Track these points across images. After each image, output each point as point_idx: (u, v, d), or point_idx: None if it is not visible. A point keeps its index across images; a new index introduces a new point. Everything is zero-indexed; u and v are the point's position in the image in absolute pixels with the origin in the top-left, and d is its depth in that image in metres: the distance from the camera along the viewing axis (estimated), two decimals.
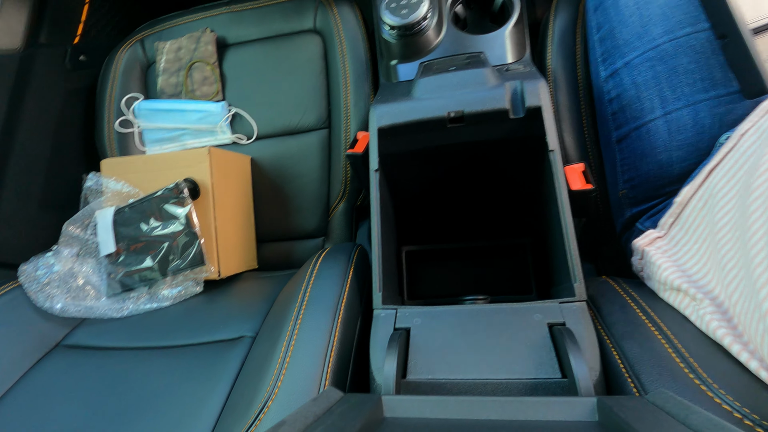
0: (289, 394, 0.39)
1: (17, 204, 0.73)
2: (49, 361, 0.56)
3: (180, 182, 0.63)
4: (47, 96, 0.78)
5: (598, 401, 0.26)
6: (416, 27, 0.61)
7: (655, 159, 0.51)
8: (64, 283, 0.64)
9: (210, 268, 0.64)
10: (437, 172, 0.60)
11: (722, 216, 0.38)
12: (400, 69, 0.66)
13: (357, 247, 0.59)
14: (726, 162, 0.41)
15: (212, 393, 0.46)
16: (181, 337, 0.55)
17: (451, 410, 0.27)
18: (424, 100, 0.51)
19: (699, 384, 0.32)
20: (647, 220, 0.53)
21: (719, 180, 0.41)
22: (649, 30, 0.50)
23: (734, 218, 0.37)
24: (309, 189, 0.78)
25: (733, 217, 0.37)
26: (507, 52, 0.62)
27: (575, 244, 0.42)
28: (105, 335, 0.59)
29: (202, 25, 0.83)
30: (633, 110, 0.53)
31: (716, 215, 0.39)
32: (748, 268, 0.33)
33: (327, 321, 0.45)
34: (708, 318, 0.37)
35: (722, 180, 0.40)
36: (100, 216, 0.66)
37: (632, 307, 0.43)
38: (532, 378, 0.34)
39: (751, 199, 0.34)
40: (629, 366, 0.36)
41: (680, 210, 0.46)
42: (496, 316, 0.39)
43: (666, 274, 0.43)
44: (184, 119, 0.80)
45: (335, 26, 0.77)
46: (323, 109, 0.78)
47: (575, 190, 0.46)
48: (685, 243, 0.44)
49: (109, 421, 0.45)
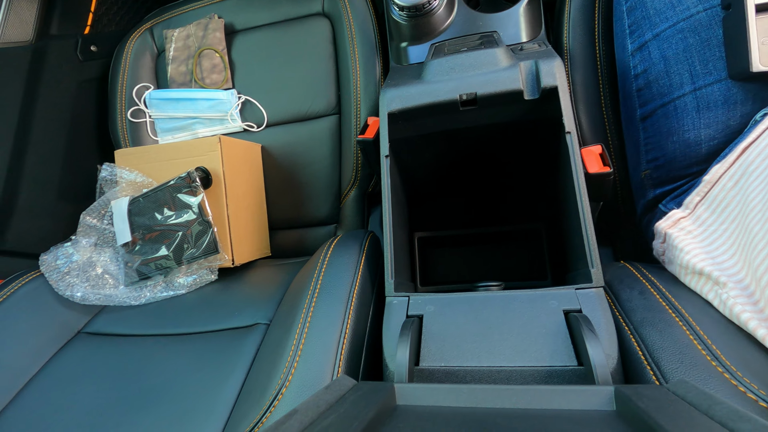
0: (303, 382, 0.39)
1: (36, 195, 0.74)
2: (72, 347, 0.58)
3: (192, 171, 0.63)
4: (61, 87, 0.78)
5: (616, 390, 0.25)
6: (427, 7, 0.60)
7: (682, 138, 0.48)
8: (84, 272, 0.66)
9: (224, 256, 0.64)
10: (449, 157, 0.59)
11: (756, 195, 0.37)
12: (411, 51, 0.64)
13: (369, 233, 0.59)
14: (762, 140, 0.39)
15: (228, 379, 0.46)
16: (198, 324, 0.56)
17: (464, 398, 0.27)
18: (435, 83, 0.50)
19: (722, 372, 0.31)
20: (671, 201, 0.51)
21: (755, 158, 0.39)
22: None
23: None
24: (320, 176, 0.77)
25: (766, 196, 0.35)
26: (521, 31, 0.60)
27: (592, 228, 0.41)
28: (124, 322, 0.60)
29: (210, 11, 0.83)
30: (660, 86, 0.50)
31: (749, 194, 0.37)
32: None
33: (339, 309, 0.45)
34: (731, 302, 0.36)
35: (758, 158, 0.38)
36: (115, 206, 0.67)
37: (652, 292, 0.42)
38: (547, 366, 0.34)
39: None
40: (649, 354, 0.35)
41: (708, 189, 0.44)
42: (511, 303, 0.39)
43: (688, 258, 0.42)
44: (194, 108, 0.80)
45: (344, 9, 0.76)
46: (333, 95, 0.77)
47: (592, 173, 0.45)
48: (712, 223, 0.42)
49: (128, 405, 0.47)
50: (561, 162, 0.48)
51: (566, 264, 0.52)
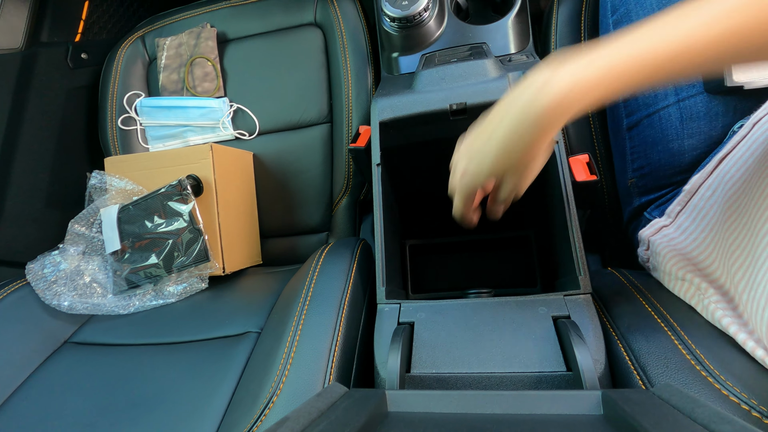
0: (294, 390, 0.39)
1: (23, 203, 0.73)
2: (58, 357, 0.57)
3: (183, 179, 0.63)
4: (50, 94, 0.78)
5: (603, 395, 0.25)
6: (417, 18, 0.61)
7: (667, 147, 0.50)
8: (71, 281, 0.65)
9: (215, 264, 0.64)
10: (440, 165, 0.59)
11: (731, 203, 0.38)
12: (402, 61, 0.65)
13: (360, 241, 0.59)
14: (738, 150, 0.41)
15: (218, 388, 0.46)
16: (187, 333, 0.56)
17: (455, 404, 0.27)
18: (426, 93, 0.50)
19: (706, 376, 0.32)
20: (655, 209, 0.52)
21: (730, 168, 0.40)
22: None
23: (743, 205, 0.36)
24: (312, 184, 0.77)
25: (741, 204, 0.36)
26: (510, 43, 0.62)
27: (580, 236, 0.42)
28: (112, 332, 0.60)
29: (202, 21, 0.83)
30: (646, 96, 0.52)
31: (725, 202, 0.39)
32: (754, 256, 0.33)
33: (331, 316, 0.45)
34: (713, 307, 0.36)
35: (733, 168, 0.40)
36: (104, 214, 0.67)
37: (638, 298, 0.43)
38: (536, 371, 0.34)
39: (762, 187, 0.33)
40: (635, 359, 0.36)
41: (689, 198, 0.46)
42: (501, 310, 0.39)
43: (671, 264, 0.43)
44: (186, 116, 0.80)
45: (336, 19, 0.77)
46: (325, 104, 0.77)
47: (580, 181, 0.46)
48: (692, 231, 0.44)
49: (117, 417, 0.46)
50: (549, 170, 0.49)
51: (555, 270, 0.52)
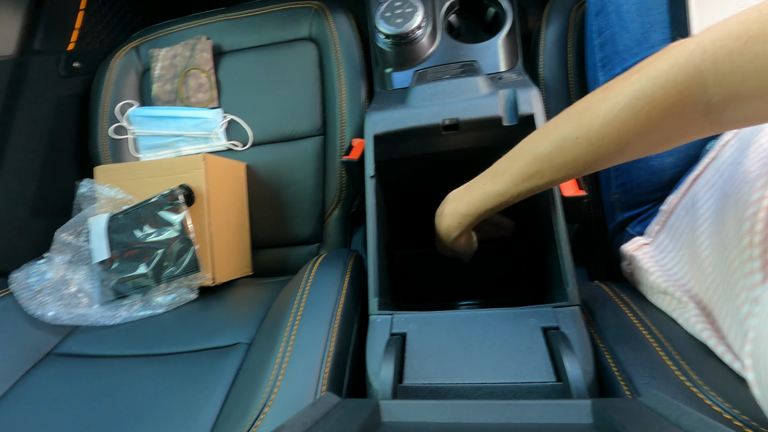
0: (286, 401, 0.39)
1: (8, 211, 0.72)
2: (41, 369, 0.56)
3: (175, 189, 0.63)
4: (41, 102, 0.77)
5: (593, 404, 0.26)
6: (411, 36, 0.62)
7: (647, 164, 0.52)
8: (57, 291, 0.64)
9: (205, 275, 0.64)
10: (431, 178, 0.60)
11: (702, 223, 0.39)
12: (395, 77, 0.67)
13: (353, 252, 0.59)
14: (707, 171, 0.43)
15: (207, 401, 0.45)
16: (176, 344, 0.55)
17: (447, 414, 0.27)
18: (418, 108, 0.52)
19: (690, 386, 0.33)
20: (637, 225, 0.54)
21: (700, 189, 0.42)
22: (650, 36, 0.51)
23: (713, 225, 0.37)
24: (304, 195, 0.78)
25: (711, 224, 0.38)
26: (500, 61, 0.64)
27: (568, 249, 0.43)
28: (98, 343, 0.58)
29: (197, 33, 0.84)
30: None
31: (696, 222, 0.40)
32: (726, 274, 0.34)
33: (323, 327, 0.45)
34: (693, 320, 0.38)
35: (703, 189, 0.42)
36: (93, 223, 0.66)
37: (624, 311, 0.44)
38: (527, 382, 0.35)
39: (728, 207, 0.35)
40: (622, 369, 0.37)
41: (666, 218, 0.47)
42: (491, 321, 0.40)
43: (653, 278, 0.44)
44: (179, 126, 0.80)
45: (330, 34, 0.78)
46: (318, 117, 0.78)
47: (567, 196, 0.47)
48: (671, 250, 0.45)
49: (101, 429, 0.45)
50: None
51: (544, 281, 0.53)
